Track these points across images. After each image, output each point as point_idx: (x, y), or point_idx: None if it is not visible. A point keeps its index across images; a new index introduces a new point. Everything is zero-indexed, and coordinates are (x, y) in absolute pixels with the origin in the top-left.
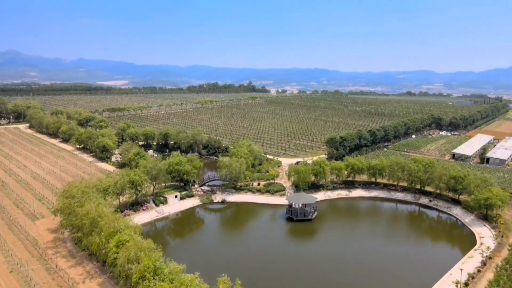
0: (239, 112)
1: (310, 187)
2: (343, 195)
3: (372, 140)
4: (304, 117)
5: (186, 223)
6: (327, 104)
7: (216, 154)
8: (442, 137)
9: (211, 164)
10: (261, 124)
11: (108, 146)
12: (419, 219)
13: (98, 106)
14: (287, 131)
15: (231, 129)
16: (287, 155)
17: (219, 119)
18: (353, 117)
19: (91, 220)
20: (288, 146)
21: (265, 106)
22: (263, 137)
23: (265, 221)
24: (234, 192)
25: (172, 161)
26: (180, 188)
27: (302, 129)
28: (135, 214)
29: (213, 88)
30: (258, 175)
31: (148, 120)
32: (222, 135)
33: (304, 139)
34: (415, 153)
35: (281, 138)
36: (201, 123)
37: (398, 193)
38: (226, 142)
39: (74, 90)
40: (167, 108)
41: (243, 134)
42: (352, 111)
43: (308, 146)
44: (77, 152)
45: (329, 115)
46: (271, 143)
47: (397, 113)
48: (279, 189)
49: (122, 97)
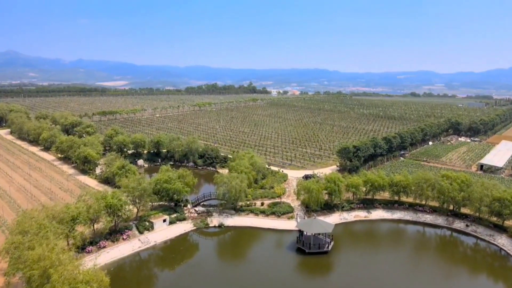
0: (239, 115)
1: (322, 207)
2: (362, 217)
3: (388, 148)
4: (309, 121)
5: (176, 255)
6: (332, 107)
7: (214, 164)
8: (462, 144)
9: (208, 176)
10: (263, 129)
11: (90, 157)
12: (454, 248)
13: (91, 108)
14: (291, 137)
15: (230, 135)
16: (294, 166)
17: (217, 123)
18: (361, 120)
19: (41, 271)
20: (294, 155)
21: (267, 109)
22: (266, 145)
23: (270, 252)
24: (234, 213)
25: (160, 178)
26: (169, 210)
27: (308, 135)
28: (113, 246)
29: (212, 89)
30: (262, 192)
31: (141, 124)
32: (220, 141)
33: (311, 147)
34: (436, 163)
35: (285, 146)
36: (198, 128)
37: (427, 215)
38: (225, 150)
39: (67, 92)
40: (162, 111)
41: (244, 141)
42: (359, 114)
43: (316, 155)
44: (57, 162)
45: (335, 119)
46: (274, 152)
47: (408, 116)
48: (287, 211)
49: (118, 98)
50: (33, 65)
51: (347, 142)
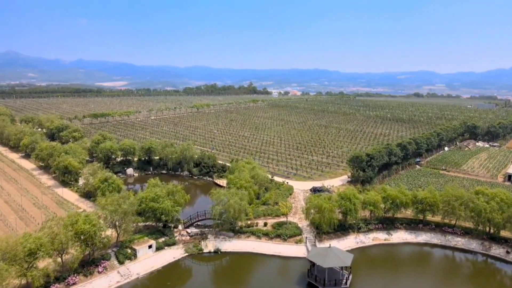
0: (239, 118)
1: (336, 228)
2: (381, 240)
3: (403, 155)
4: (313, 124)
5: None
6: (336, 108)
7: (211, 174)
8: (481, 150)
9: (204, 187)
10: (264, 133)
11: (71, 167)
12: (491, 279)
13: (83, 110)
14: (296, 143)
15: (229, 140)
16: (299, 176)
17: (215, 127)
18: (369, 123)
19: None
20: (299, 163)
21: (268, 111)
22: (268, 151)
23: (276, 286)
24: (233, 236)
25: (146, 195)
26: (157, 232)
27: (314, 139)
28: (86, 281)
29: (212, 90)
30: (265, 209)
31: (135, 127)
32: (219, 147)
33: (317, 154)
34: (457, 173)
35: (289, 152)
36: (195, 132)
37: (458, 238)
38: (223, 157)
39: (61, 93)
40: (158, 113)
41: (244, 147)
42: (366, 116)
43: (323, 163)
44: (37, 172)
45: (341, 122)
46: (278, 159)
47: (417, 118)
48: (294, 233)
49: (113, 99)
50: (33, 66)
51: (356, 149)
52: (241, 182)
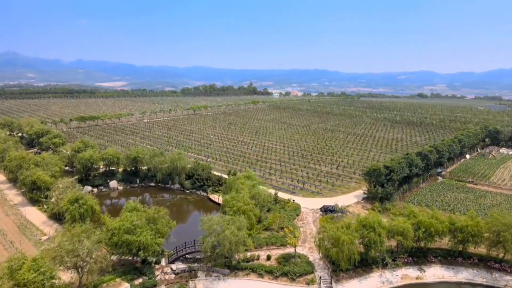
0: (238, 121)
1: (356, 264)
2: (413, 278)
3: (424, 166)
4: (318, 127)
5: None
6: (341, 110)
7: (205, 187)
8: (507, 158)
9: (197, 204)
10: (265, 138)
11: (41, 182)
12: None
13: (72, 112)
14: (300, 150)
15: (227, 146)
16: (307, 191)
17: (212, 131)
18: (377, 127)
19: None
20: (306, 175)
21: (269, 113)
22: (270, 159)
23: None
24: (228, 273)
25: (120, 225)
26: (133, 271)
27: (320, 146)
28: None
29: (210, 91)
30: (268, 237)
31: (125, 132)
32: (215, 154)
33: (325, 163)
34: (487, 186)
35: (294, 161)
36: (189, 136)
37: (508, 276)
38: (220, 167)
39: (53, 93)
40: (151, 115)
41: (243, 154)
42: (374, 118)
43: (333, 175)
44: (6, 186)
45: (347, 125)
46: (282, 170)
47: (429, 121)
48: (305, 271)
49: (107, 101)
50: (32, 66)
51: (368, 157)
52: (239, 205)
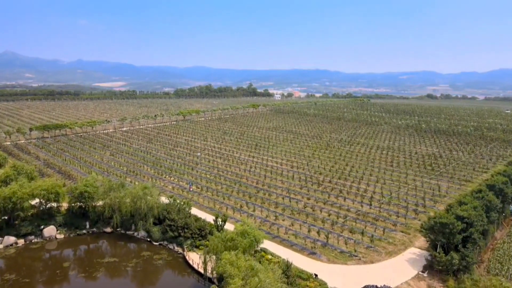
0: (235, 129)
1: None
2: None
3: (501, 206)
4: (331, 138)
5: None
6: (353, 115)
7: (180, 240)
8: None
9: (168, 267)
10: (268, 154)
11: None
12: None
13: (42, 118)
14: (314, 171)
15: (218, 166)
16: (333, 251)
17: (202, 144)
18: (402, 136)
19: None
20: (328, 217)
21: (271, 118)
22: (276, 188)
23: None
24: None
25: None
26: None
27: (338, 165)
28: None
29: (206, 92)
30: None
31: (96, 143)
32: (201, 178)
33: (351, 194)
34: None
35: (308, 191)
36: (173, 152)
37: None
38: (205, 202)
39: (32, 95)
40: (133, 122)
41: (239, 179)
42: (394, 126)
43: (367, 216)
44: None
45: (367, 135)
46: (292, 208)
47: (462, 129)
48: None
49: (90, 103)
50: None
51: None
52: None
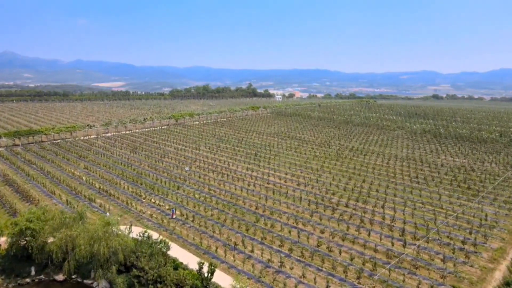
0: (232, 135)
1: None
2: None
3: None
4: (340, 146)
5: None
6: (362, 118)
7: None
8: None
9: None
10: (269, 166)
11: None
12: None
13: (20, 121)
14: (326, 191)
15: (210, 183)
16: None
17: (193, 153)
18: (420, 143)
19: None
20: (350, 261)
21: (272, 122)
22: (280, 216)
23: None
24: None
25: None
26: None
27: (355, 183)
28: None
29: (203, 93)
30: None
31: (72, 153)
32: (187, 201)
33: (375, 224)
34: None
35: (321, 221)
36: (158, 164)
37: None
38: (188, 237)
39: (19, 96)
40: (119, 127)
41: (233, 204)
42: (408, 131)
43: (402, 261)
44: None
45: (381, 142)
46: (301, 244)
47: (485, 135)
48: None
49: (78, 105)
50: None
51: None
52: None
